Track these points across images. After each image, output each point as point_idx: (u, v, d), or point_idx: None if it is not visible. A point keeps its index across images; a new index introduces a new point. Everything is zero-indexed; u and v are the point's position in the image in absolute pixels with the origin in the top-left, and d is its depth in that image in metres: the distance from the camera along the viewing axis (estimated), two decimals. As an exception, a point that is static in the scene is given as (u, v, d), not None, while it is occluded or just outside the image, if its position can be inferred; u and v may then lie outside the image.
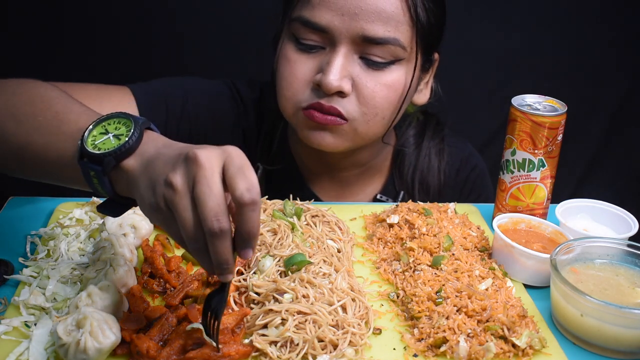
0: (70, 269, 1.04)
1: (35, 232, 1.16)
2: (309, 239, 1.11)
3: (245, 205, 0.78)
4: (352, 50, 1.24)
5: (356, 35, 1.21)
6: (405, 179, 1.49)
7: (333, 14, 1.21)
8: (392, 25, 1.22)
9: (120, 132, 0.88)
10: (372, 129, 1.30)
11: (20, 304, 0.97)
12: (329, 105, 1.24)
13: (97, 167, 0.86)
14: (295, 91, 1.27)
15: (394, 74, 1.26)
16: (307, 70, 1.26)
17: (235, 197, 0.78)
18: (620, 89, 2.23)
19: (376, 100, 1.26)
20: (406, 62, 1.27)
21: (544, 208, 1.25)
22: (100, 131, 0.89)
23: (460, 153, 1.55)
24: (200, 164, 0.77)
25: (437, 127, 1.53)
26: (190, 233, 0.79)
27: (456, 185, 1.54)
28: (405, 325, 0.99)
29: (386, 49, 1.23)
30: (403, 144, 1.50)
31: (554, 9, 2.09)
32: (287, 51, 1.28)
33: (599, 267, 1.06)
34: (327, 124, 1.26)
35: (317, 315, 0.91)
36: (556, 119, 1.17)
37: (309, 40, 1.25)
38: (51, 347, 0.89)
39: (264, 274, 1.01)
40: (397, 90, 1.28)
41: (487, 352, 0.92)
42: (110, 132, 0.89)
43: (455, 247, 1.12)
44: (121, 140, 0.86)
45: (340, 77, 1.22)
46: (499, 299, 1.00)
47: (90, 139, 0.89)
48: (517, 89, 1.26)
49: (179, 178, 0.78)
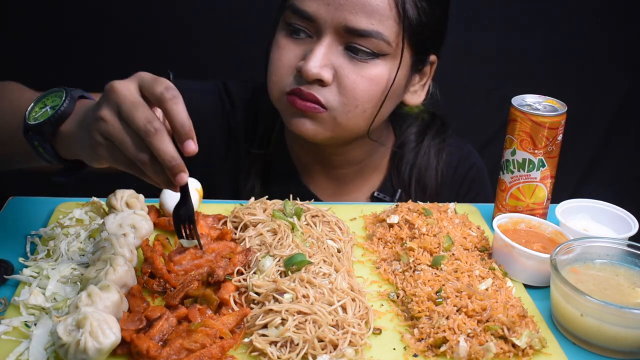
0: (70, 269, 1.04)
1: (35, 232, 1.16)
2: (309, 239, 1.11)
3: (169, 99, 0.88)
4: (337, 41, 1.25)
5: (339, 26, 1.23)
6: (403, 176, 1.50)
7: (320, 3, 1.24)
8: (375, 19, 1.23)
9: (56, 103, 1.01)
10: (352, 120, 1.30)
11: (20, 304, 0.97)
12: (308, 91, 1.27)
13: (38, 136, 1.00)
14: (281, 76, 1.30)
15: (378, 68, 1.27)
16: (292, 57, 1.29)
17: (157, 97, 0.89)
18: (620, 89, 2.23)
19: (357, 91, 1.27)
20: (391, 57, 1.28)
21: (544, 208, 1.25)
22: (40, 106, 1.02)
23: (459, 152, 1.55)
24: (117, 89, 0.89)
25: (440, 128, 1.53)
26: (132, 149, 0.89)
27: (453, 184, 1.54)
28: (405, 325, 0.99)
29: (369, 41, 1.24)
30: (403, 143, 1.51)
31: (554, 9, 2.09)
32: (278, 38, 1.32)
33: (599, 267, 1.06)
34: (306, 111, 1.28)
35: (317, 315, 0.91)
36: (556, 119, 1.17)
37: (298, 28, 1.28)
38: (51, 347, 0.89)
39: (264, 274, 1.01)
40: (380, 85, 1.28)
41: (487, 352, 0.92)
42: (48, 105, 1.01)
43: (455, 247, 1.12)
44: (55, 109, 0.99)
45: (320, 65, 1.24)
46: (499, 299, 1.00)
47: (32, 114, 1.01)
48: (517, 89, 1.26)
49: (105, 110, 0.90)
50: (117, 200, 1.16)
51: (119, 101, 0.89)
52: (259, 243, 1.11)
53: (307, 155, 1.48)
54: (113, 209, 1.16)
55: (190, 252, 1.07)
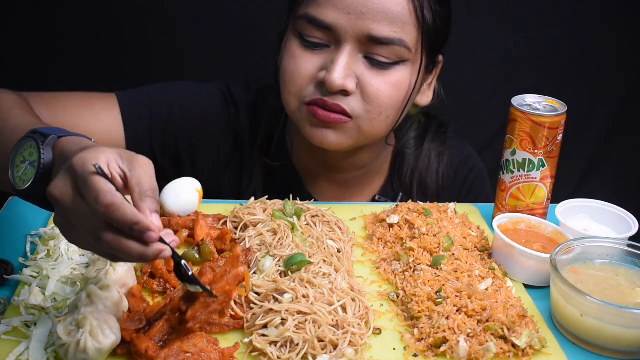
0: (70, 269, 1.04)
1: (35, 232, 1.16)
2: (309, 239, 1.11)
3: (105, 212, 0.75)
4: (357, 50, 1.24)
5: (362, 35, 1.21)
6: (404, 180, 1.49)
7: (339, 12, 1.21)
8: (398, 26, 1.22)
9: (34, 157, 0.89)
10: (376, 127, 1.30)
11: (20, 304, 0.97)
12: (333, 102, 1.24)
13: (33, 196, 0.89)
14: (300, 86, 1.27)
15: (399, 74, 1.26)
16: (311, 67, 1.26)
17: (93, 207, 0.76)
18: (620, 89, 2.23)
19: (381, 99, 1.26)
20: (411, 63, 1.27)
21: (544, 208, 1.25)
22: (20, 159, 0.91)
23: (459, 155, 1.55)
24: (55, 198, 0.79)
25: (439, 130, 1.53)
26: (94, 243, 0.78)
27: (454, 187, 1.54)
28: (405, 325, 0.99)
29: (391, 49, 1.23)
30: (403, 146, 1.50)
31: (554, 9, 2.09)
32: (292, 48, 1.29)
33: (599, 267, 1.06)
34: (331, 122, 1.26)
35: (317, 315, 0.91)
36: (556, 119, 1.17)
37: (314, 38, 1.25)
38: (51, 347, 0.89)
39: (264, 274, 1.01)
40: (402, 90, 1.28)
41: (487, 352, 0.92)
42: (27, 160, 0.90)
43: (455, 247, 1.12)
44: (35, 168, 0.88)
45: (344, 76, 1.22)
46: (499, 299, 1.00)
47: (17, 173, 0.91)
48: (517, 89, 1.26)
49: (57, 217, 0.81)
50: (117, 200, 1.16)
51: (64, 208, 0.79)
52: (259, 243, 1.11)
53: (311, 160, 1.47)
54: (113, 209, 1.15)
55: (200, 301, 0.94)
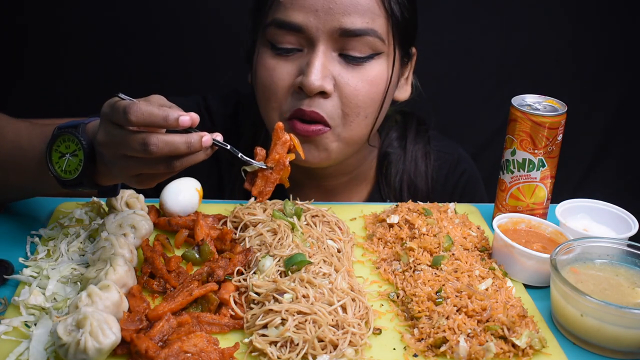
0: (70, 269, 1.04)
1: (35, 232, 1.16)
2: (309, 239, 1.11)
3: (130, 118, 0.90)
4: (331, 48, 1.24)
5: (333, 30, 1.22)
6: (393, 185, 1.48)
7: (308, 12, 1.21)
8: (368, 17, 1.23)
9: (71, 149, 1.01)
10: (356, 131, 1.29)
11: (20, 304, 0.97)
12: (310, 110, 1.24)
13: (80, 186, 1.02)
14: (279, 100, 1.27)
15: (375, 69, 1.27)
16: (286, 75, 1.26)
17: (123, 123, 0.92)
18: (620, 89, 2.23)
19: (359, 98, 1.26)
20: (385, 55, 1.28)
21: (544, 208, 1.25)
22: (57, 156, 1.02)
23: (449, 158, 1.54)
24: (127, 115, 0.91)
25: (419, 128, 1.52)
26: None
27: (445, 191, 1.52)
28: (405, 325, 0.99)
29: (364, 40, 1.23)
30: (387, 149, 1.49)
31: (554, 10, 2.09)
32: (264, 59, 1.28)
33: (599, 267, 1.06)
34: (310, 135, 1.25)
35: (317, 315, 0.91)
36: (556, 119, 1.17)
37: (285, 44, 1.25)
38: (51, 347, 0.89)
39: (264, 274, 1.01)
40: (379, 86, 1.28)
41: (487, 352, 0.92)
42: (66, 153, 1.02)
43: (455, 247, 1.12)
44: (79, 157, 1.01)
45: (321, 77, 1.22)
46: (499, 299, 1.00)
47: (59, 168, 1.02)
48: (517, 89, 1.26)
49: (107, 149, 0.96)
50: (117, 200, 1.16)
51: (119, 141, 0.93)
52: (259, 243, 1.11)
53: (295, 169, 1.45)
54: (113, 209, 1.16)
55: (259, 176, 1.09)
